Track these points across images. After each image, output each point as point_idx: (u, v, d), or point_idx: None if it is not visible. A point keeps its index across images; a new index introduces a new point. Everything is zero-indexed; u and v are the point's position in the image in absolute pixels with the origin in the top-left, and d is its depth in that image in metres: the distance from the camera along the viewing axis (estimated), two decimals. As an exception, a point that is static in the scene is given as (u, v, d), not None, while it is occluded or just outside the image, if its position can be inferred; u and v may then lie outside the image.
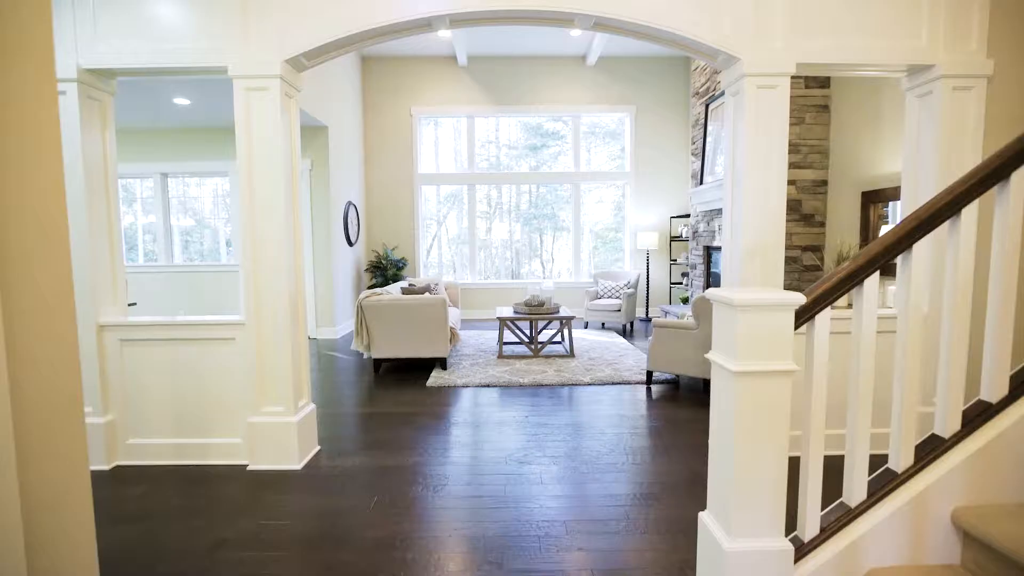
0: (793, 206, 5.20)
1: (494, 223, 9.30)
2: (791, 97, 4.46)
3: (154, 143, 7.15)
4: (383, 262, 8.34)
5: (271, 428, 3.00)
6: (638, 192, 8.80)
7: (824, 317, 1.45)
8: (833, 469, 1.82)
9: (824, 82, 5.07)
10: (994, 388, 1.60)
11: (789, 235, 4.98)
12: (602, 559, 2.19)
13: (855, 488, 1.51)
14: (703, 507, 2.64)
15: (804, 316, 1.43)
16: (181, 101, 5.79)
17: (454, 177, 8.98)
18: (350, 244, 7.89)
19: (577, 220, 8.98)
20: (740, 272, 3.01)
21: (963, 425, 1.59)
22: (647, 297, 8.54)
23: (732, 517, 1.47)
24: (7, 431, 0.90)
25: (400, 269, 8.40)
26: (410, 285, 6.61)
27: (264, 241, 2.94)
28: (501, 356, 5.82)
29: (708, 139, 6.48)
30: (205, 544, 2.32)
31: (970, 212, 1.55)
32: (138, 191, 7.95)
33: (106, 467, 3.04)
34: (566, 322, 5.87)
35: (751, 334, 1.38)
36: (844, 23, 2.91)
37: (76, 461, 1.09)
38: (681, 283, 8.36)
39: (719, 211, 6.21)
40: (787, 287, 4.64)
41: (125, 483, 2.90)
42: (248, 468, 3.03)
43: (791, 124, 5.05)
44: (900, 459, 1.54)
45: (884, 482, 1.52)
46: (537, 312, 5.88)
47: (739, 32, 2.90)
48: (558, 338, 6.48)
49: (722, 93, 6.00)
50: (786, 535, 1.51)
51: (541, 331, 6.27)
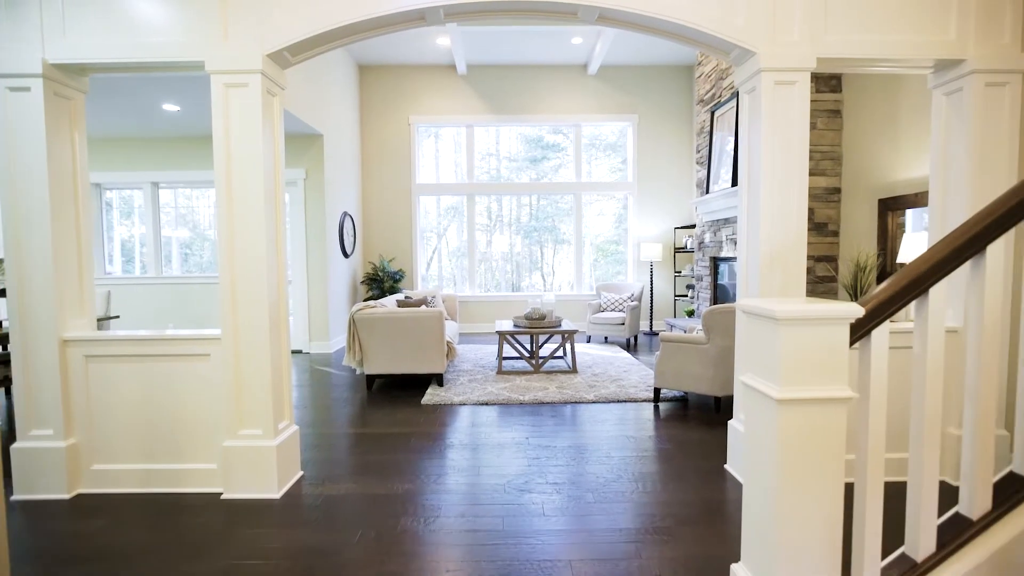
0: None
1: (494, 236, 9.11)
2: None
3: (144, 152, 6.96)
4: (380, 274, 8.12)
5: (248, 453, 2.75)
6: (641, 203, 8.61)
7: (883, 332, 1.21)
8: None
9: (835, 86, 4.88)
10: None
11: (802, 245, 4.75)
12: (613, 607, 1.93)
13: (922, 539, 1.26)
14: (722, 543, 2.39)
15: (859, 331, 1.19)
16: (170, 107, 5.61)
17: (453, 187, 8.80)
18: (346, 256, 7.67)
19: (579, 231, 8.77)
20: (758, 284, 2.77)
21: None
22: (651, 310, 8.30)
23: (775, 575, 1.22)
24: None
25: (397, 281, 8.18)
26: (406, 297, 6.38)
27: (243, 249, 2.71)
28: (500, 372, 5.57)
29: (714, 147, 6.29)
30: (165, 588, 2.06)
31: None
32: (136, 202, 7.76)
33: (66, 496, 2.78)
34: (568, 336, 5.62)
35: (798, 353, 1.15)
36: (867, 15, 2.71)
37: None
38: (686, 295, 8.12)
39: (726, 221, 6.00)
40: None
41: (85, 514, 2.64)
42: (222, 497, 2.77)
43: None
44: (975, 501, 1.29)
45: (957, 531, 1.27)
46: (538, 326, 5.63)
47: (754, 25, 2.70)
48: (560, 353, 6.23)
49: (728, 99, 5.82)
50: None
51: (542, 345, 6.03)
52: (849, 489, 1.24)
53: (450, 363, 5.92)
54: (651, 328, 8.31)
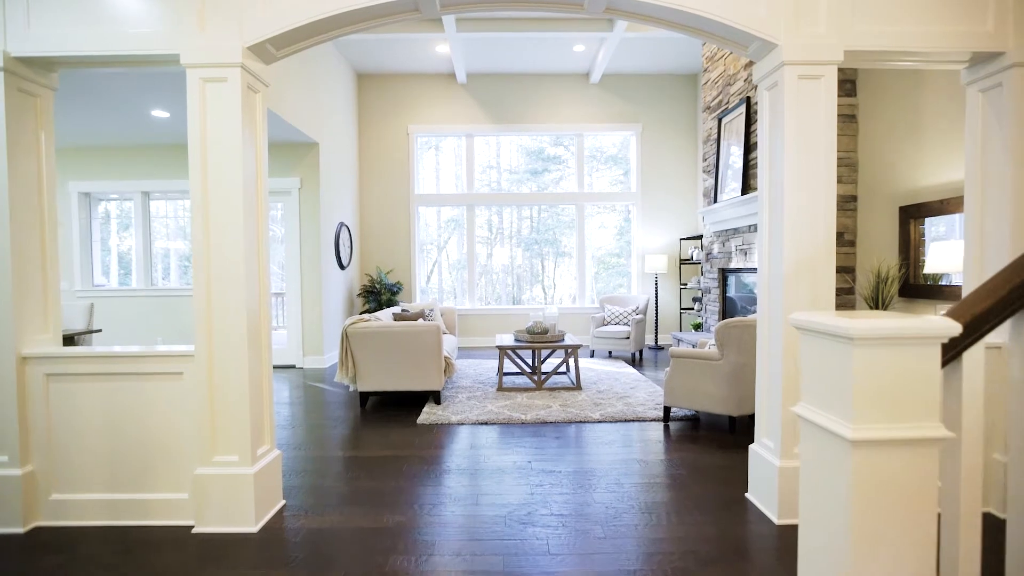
0: (819, 224, 4.75)
1: (495, 248, 8.91)
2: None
3: (134, 160, 6.77)
4: (377, 286, 7.89)
5: (223, 482, 2.49)
6: (645, 213, 8.40)
7: (977, 353, 0.97)
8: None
9: (850, 90, 4.68)
10: None
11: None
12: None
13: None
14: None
15: (948, 352, 0.95)
16: (160, 114, 5.42)
17: (453, 198, 8.60)
18: (342, 267, 7.45)
19: (581, 242, 8.55)
20: (781, 296, 2.53)
21: None
22: (656, 323, 8.04)
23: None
24: None
25: (395, 294, 7.94)
26: (403, 311, 6.14)
27: (220, 259, 2.48)
28: (501, 388, 5.31)
29: (721, 155, 6.09)
30: (116, 644, 1.79)
31: None
32: (134, 214, 7.55)
33: (21, 529, 2.52)
34: (572, 351, 5.37)
35: (877, 382, 0.91)
36: (897, 5, 2.51)
37: None
38: (692, 308, 7.88)
39: (735, 231, 5.78)
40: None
41: (41, 551, 2.38)
42: (194, 531, 2.51)
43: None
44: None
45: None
46: (540, 340, 5.39)
47: (776, 14, 2.49)
48: (563, 368, 5.98)
49: (736, 106, 5.62)
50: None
51: (544, 360, 5.77)
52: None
53: (448, 379, 5.66)
54: (656, 342, 8.06)
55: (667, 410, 4.29)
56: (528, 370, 5.60)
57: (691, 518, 2.65)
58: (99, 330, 5.08)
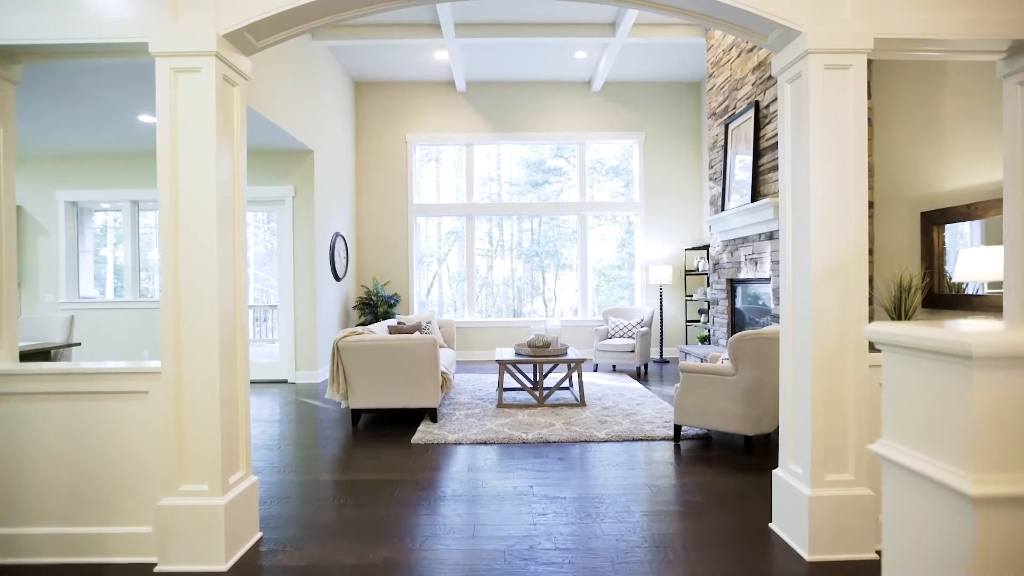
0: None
1: (495, 261, 8.70)
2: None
3: (123, 168, 6.57)
4: (373, 298, 7.66)
5: (189, 514, 2.24)
6: (648, 223, 8.19)
7: None
8: None
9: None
10: None
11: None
12: None
13: None
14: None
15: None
16: (147, 119, 5.24)
17: (452, 208, 8.40)
18: (337, 279, 7.23)
19: (583, 253, 8.34)
20: (809, 306, 2.30)
21: None
22: (660, 336, 7.79)
23: None
24: None
25: (392, 306, 7.71)
26: (399, 323, 5.90)
27: (191, 266, 2.26)
28: (501, 405, 5.05)
29: (729, 161, 5.89)
30: None
31: None
32: (123, 223, 7.34)
33: (-37, 569, 2.27)
34: (576, 365, 5.12)
35: (1009, 415, 0.67)
36: (931, -11, 2.30)
37: None
38: (698, 321, 7.63)
39: (744, 239, 5.56)
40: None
41: (-17, 594, 2.12)
42: (156, 569, 2.25)
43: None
44: None
45: None
46: (542, 354, 5.14)
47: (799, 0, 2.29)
48: (566, 384, 5.72)
49: (744, 111, 5.44)
50: None
51: (547, 375, 5.52)
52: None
53: (445, 396, 5.40)
54: (661, 356, 7.80)
55: (677, 429, 4.03)
56: (529, 385, 5.35)
57: (711, 553, 2.39)
58: (78, 344, 4.84)
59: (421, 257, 8.60)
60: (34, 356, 4.26)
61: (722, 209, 5.99)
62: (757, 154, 5.24)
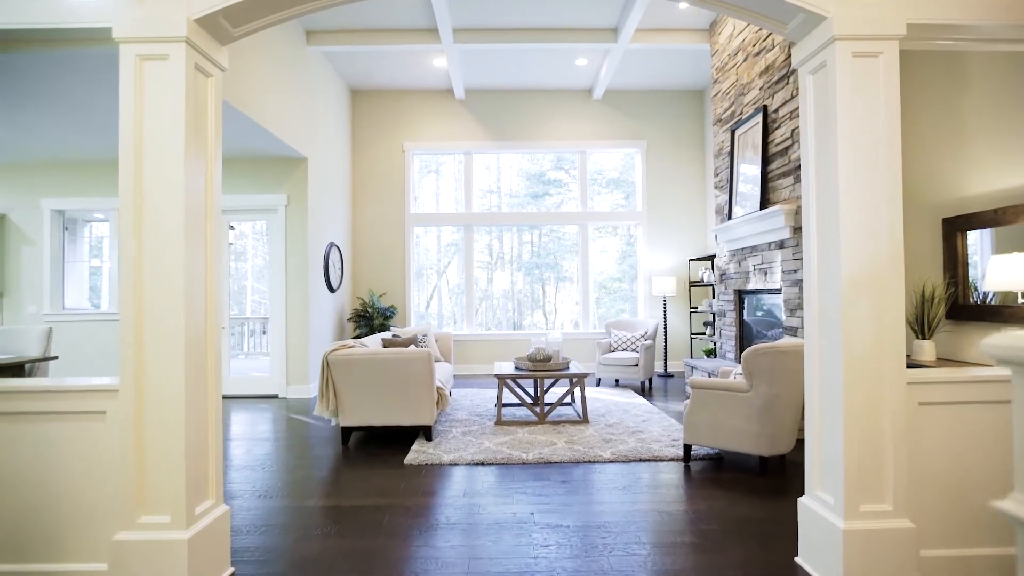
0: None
1: (495, 273, 8.50)
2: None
3: (110, 176, 6.38)
4: (369, 310, 7.43)
5: (148, 549, 2.00)
6: (651, 233, 7.99)
7: None
8: None
9: (879, 95, 4.30)
10: None
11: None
12: None
13: None
14: None
15: None
16: (133, 125, 5.04)
17: (451, 218, 8.21)
18: (332, 290, 7.01)
19: (584, 263, 8.13)
20: (838, 318, 2.08)
21: None
22: (665, 350, 7.55)
23: None
24: None
25: (388, 318, 7.48)
26: (394, 336, 5.68)
27: (156, 275, 2.04)
28: (500, 422, 4.81)
29: (735, 169, 5.70)
30: None
31: None
32: (109, 233, 7.14)
33: None
34: (578, 380, 4.88)
35: None
36: (967, -29, 2.12)
37: None
38: (703, 333, 7.40)
39: (753, 249, 5.35)
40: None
41: (-89, 642, 1.87)
42: (111, 613, 2.01)
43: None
44: None
45: None
46: (543, 368, 4.90)
47: (824, -18, 2.10)
48: (568, 399, 5.47)
49: (751, 116, 5.26)
50: None
51: (547, 390, 5.28)
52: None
53: (441, 412, 5.16)
54: (665, 370, 7.55)
55: (687, 448, 3.78)
56: (529, 401, 5.10)
57: (732, 592, 2.14)
58: (55, 357, 4.61)
59: (420, 270, 8.40)
60: (6, 370, 4.03)
61: (729, 217, 5.79)
62: (766, 160, 5.05)
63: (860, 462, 2.05)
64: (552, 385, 5.33)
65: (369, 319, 7.39)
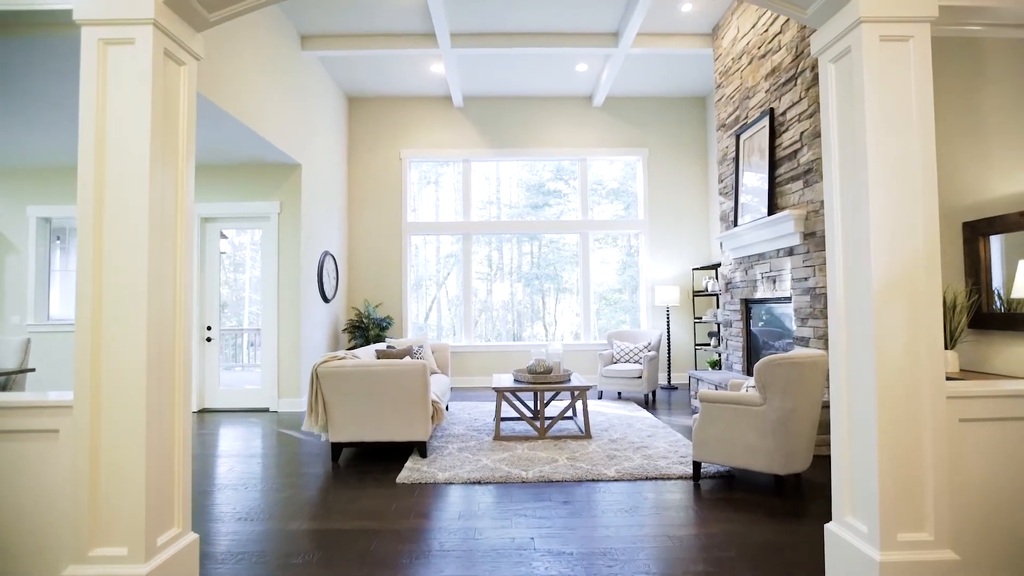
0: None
1: (495, 284, 8.32)
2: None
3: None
4: (364, 321, 7.23)
5: (103, 586, 1.78)
6: (653, 242, 7.82)
7: None
8: None
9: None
10: None
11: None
12: None
13: None
14: None
15: None
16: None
17: (449, 226, 8.04)
18: (326, 300, 6.81)
19: (585, 273, 7.95)
20: (870, 325, 1.88)
21: None
22: (668, 361, 7.34)
23: None
24: None
25: (384, 329, 7.28)
26: (388, 347, 5.48)
27: (116, 283, 1.85)
28: (498, 437, 4.59)
29: (741, 174, 5.54)
30: None
31: None
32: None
33: None
34: (580, 393, 4.67)
35: None
36: (1002, -51, 1.95)
37: None
38: (708, 344, 7.20)
39: (760, 256, 5.17)
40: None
41: None
42: (58, 658, 1.79)
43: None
44: None
45: None
46: (543, 381, 4.69)
47: (848, -40, 1.94)
48: (569, 413, 5.25)
49: (757, 120, 5.11)
50: None
51: (548, 404, 5.07)
52: None
53: (437, 427, 4.95)
54: (669, 382, 7.33)
55: (697, 466, 3.57)
56: (529, 415, 4.89)
57: (755, 631, 1.92)
58: (32, 369, 4.40)
59: (420, 281, 8.21)
60: (-22, 384, 3.82)
61: (734, 224, 5.62)
62: (773, 164, 4.89)
63: (896, 486, 1.85)
64: (553, 398, 5.12)
65: (364, 330, 7.19)
